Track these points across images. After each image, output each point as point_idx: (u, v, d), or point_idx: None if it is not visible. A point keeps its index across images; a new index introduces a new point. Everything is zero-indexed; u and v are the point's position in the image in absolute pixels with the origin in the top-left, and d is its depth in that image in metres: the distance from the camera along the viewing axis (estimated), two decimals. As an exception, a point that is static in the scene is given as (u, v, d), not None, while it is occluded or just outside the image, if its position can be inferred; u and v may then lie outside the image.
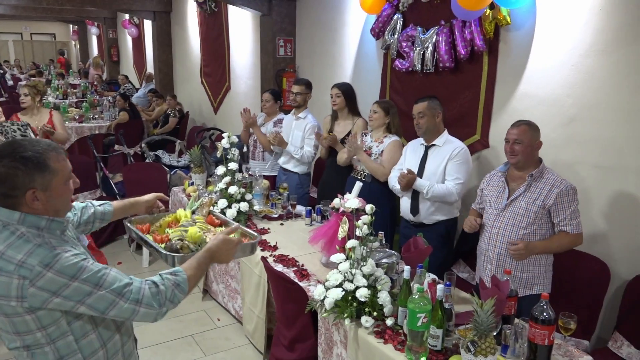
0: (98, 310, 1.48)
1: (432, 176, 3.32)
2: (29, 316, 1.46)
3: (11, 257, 1.41)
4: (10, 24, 21.12)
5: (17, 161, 1.44)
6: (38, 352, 1.52)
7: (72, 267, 1.44)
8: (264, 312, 3.31)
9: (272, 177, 4.69)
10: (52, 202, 1.52)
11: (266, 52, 6.25)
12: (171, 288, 1.59)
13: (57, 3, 8.85)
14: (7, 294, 1.42)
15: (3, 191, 1.45)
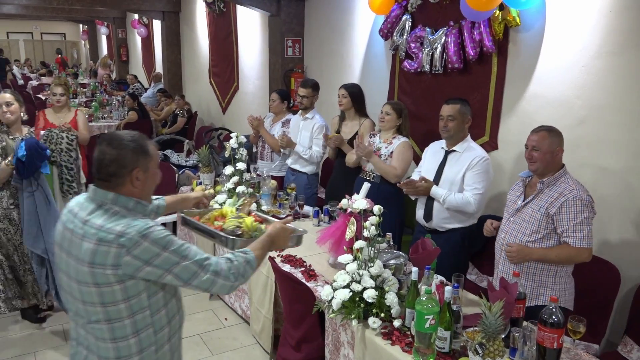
0: (182, 280, 1.65)
1: (449, 183, 3.22)
2: (118, 286, 1.59)
3: (111, 229, 1.58)
4: (21, 24, 21.29)
5: (125, 145, 1.66)
6: (117, 326, 1.64)
7: (163, 239, 1.61)
8: (271, 312, 3.31)
9: (280, 177, 4.69)
10: (148, 183, 1.73)
11: (274, 52, 6.26)
12: (243, 264, 1.77)
13: (67, 3, 8.92)
14: (104, 262, 1.57)
15: (113, 170, 1.64)
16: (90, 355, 1.71)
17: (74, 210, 1.69)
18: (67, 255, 1.66)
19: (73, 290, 1.66)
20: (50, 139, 3.78)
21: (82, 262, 1.60)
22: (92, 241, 1.58)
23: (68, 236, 1.66)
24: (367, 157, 3.70)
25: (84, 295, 1.63)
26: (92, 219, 1.62)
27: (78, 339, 1.75)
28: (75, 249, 1.62)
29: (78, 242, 1.61)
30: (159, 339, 1.73)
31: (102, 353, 1.68)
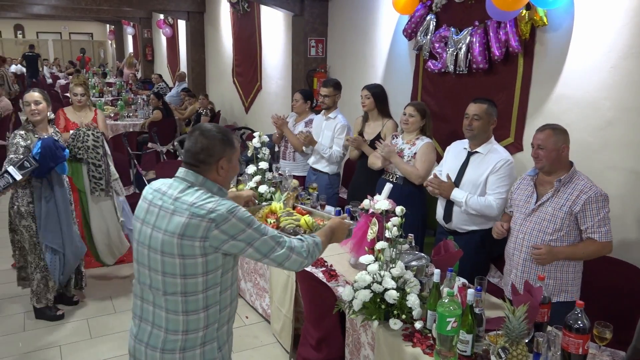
0: (261, 253, 1.84)
1: (471, 185, 3.18)
2: (201, 259, 1.76)
3: (202, 206, 1.75)
4: (50, 24, 21.77)
5: (215, 136, 1.84)
6: (191, 300, 1.79)
7: (248, 218, 1.81)
8: (292, 312, 3.32)
9: (301, 177, 4.70)
10: (230, 172, 1.91)
11: (297, 52, 6.28)
12: (312, 245, 1.99)
13: (95, 3, 9.08)
14: (194, 235, 1.73)
15: (203, 158, 1.83)
16: (155, 329, 1.84)
17: (161, 190, 1.87)
18: (152, 230, 1.81)
19: (153, 262, 1.81)
20: (78, 137, 3.86)
21: (171, 234, 1.76)
22: (185, 215, 1.75)
23: (155, 211, 1.83)
24: (389, 158, 3.67)
25: (166, 266, 1.78)
26: (183, 197, 1.80)
27: (142, 316, 1.89)
28: (163, 223, 1.78)
29: (168, 217, 1.78)
30: (221, 317, 1.89)
31: (170, 326, 1.81)
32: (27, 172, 3.26)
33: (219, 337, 1.90)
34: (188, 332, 1.82)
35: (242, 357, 3.51)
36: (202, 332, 1.83)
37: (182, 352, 1.82)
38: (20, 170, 3.22)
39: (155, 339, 1.84)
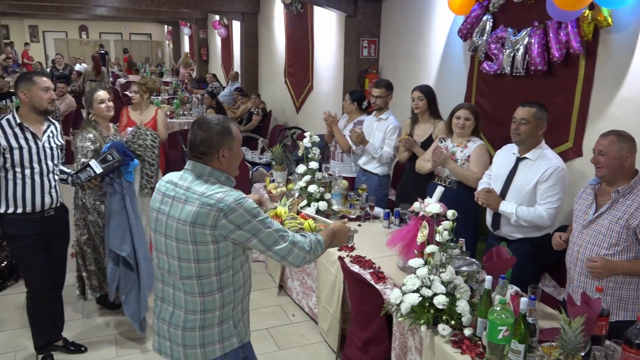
0: (265, 245, 1.92)
1: (519, 193, 3.07)
2: (212, 246, 1.87)
3: (211, 196, 1.86)
4: (112, 25, 22.68)
5: (212, 128, 1.93)
6: (206, 282, 1.91)
7: (254, 209, 1.89)
8: (339, 312, 3.33)
9: (351, 178, 4.70)
10: (232, 160, 1.99)
11: (350, 52, 6.27)
12: (315, 241, 2.05)
13: (154, 5, 9.38)
14: (204, 223, 1.84)
15: (203, 149, 1.93)
16: (177, 310, 1.97)
17: (173, 181, 1.99)
18: (166, 219, 1.93)
19: (170, 249, 1.93)
20: (138, 135, 4.00)
21: (184, 222, 1.87)
22: (195, 205, 1.86)
23: (168, 202, 1.95)
24: (444, 164, 3.58)
25: (181, 252, 1.90)
26: (193, 187, 1.91)
27: (164, 298, 2.03)
28: (176, 212, 1.90)
29: (181, 206, 1.89)
30: (236, 297, 2.00)
31: (189, 307, 1.94)
32: (108, 166, 3.29)
33: (234, 316, 2.02)
34: (205, 312, 1.95)
35: (288, 355, 3.55)
36: (218, 311, 1.96)
37: (201, 330, 1.96)
38: (102, 163, 3.27)
39: (177, 318, 1.98)
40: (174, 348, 2.00)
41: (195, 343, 1.96)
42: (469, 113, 3.61)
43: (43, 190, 3.10)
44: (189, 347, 1.97)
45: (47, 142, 3.13)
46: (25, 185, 3.04)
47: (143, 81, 5.10)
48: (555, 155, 3.11)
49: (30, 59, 17.48)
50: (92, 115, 3.69)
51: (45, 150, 3.11)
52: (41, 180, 3.09)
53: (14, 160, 2.99)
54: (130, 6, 10.03)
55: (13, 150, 2.98)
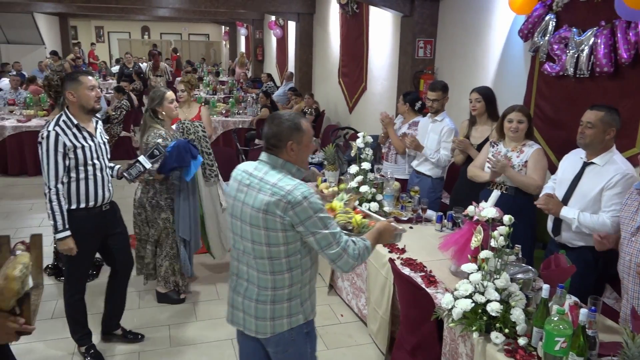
0: (319, 245, 2.06)
1: (583, 198, 2.94)
2: (281, 233, 2.04)
3: (282, 187, 2.02)
4: (172, 26, 23.45)
5: (282, 123, 2.10)
6: (276, 263, 2.09)
7: (318, 205, 2.03)
8: (388, 314, 3.30)
9: (403, 180, 4.65)
10: (301, 154, 2.15)
11: (405, 53, 6.21)
12: (363, 248, 2.16)
13: (213, 6, 9.62)
14: (274, 212, 2.01)
15: (274, 142, 2.10)
16: (250, 285, 2.17)
17: (248, 171, 2.17)
18: (242, 205, 2.11)
19: (244, 232, 2.12)
20: (187, 130, 4.11)
21: (257, 209, 2.04)
22: (267, 194, 2.03)
23: (244, 190, 2.12)
24: (503, 172, 3.44)
25: (254, 236, 2.09)
26: (266, 177, 2.08)
27: (239, 274, 2.22)
28: (251, 200, 2.07)
29: (254, 194, 2.07)
30: (303, 278, 2.17)
31: (261, 284, 2.14)
32: (156, 160, 3.43)
33: (301, 295, 2.19)
34: (276, 289, 2.13)
35: (336, 354, 3.55)
36: (287, 289, 2.13)
37: (272, 304, 2.14)
38: (150, 159, 3.40)
39: (251, 292, 2.17)
40: (247, 319, 2.20)
41: (265, 315, 2.15)
42: (522, 115, 3.48)
43: (103, 185, 3.23)
44: (260, 318, 2.16)
45: (99, 139, 3.25)
46: (89, 182, 3.15)
47: (186, 79, 5.25)
48: (624, 161, 2.95)
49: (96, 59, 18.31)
50: (160, 114, 3.82)
51: (100, 147, 3.23)
52: (101, 176, 3.22)
53: (78, 159, 3.08)
54: (190, 7, 10.32)
55: (77, 150, 3.07)
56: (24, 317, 1.94)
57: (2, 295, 1.87)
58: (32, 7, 13.25)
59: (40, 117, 8.00)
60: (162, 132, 3.75)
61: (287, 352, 2.23)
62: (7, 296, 1.87)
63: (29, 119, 7.87)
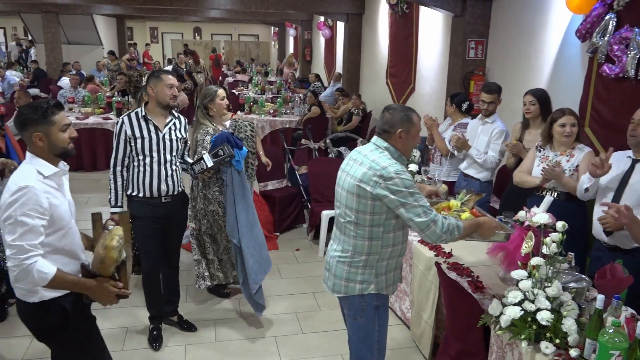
0: (408, 214, 2.29)
1: (634, 194, 2.82)
2: (370, 202, 2.32)
3: (378, 163, 2.32)
4: (223, 26, 23.94)
5: (396, 113, 2.40)
6: (360, 229, 2.38)
7: (408, 181, 2.30)
8: (433, 319, 3.26)
9: (451, 182, 4.57)
10: (408, 143, 2.43)
11: (455, 53, 6.11)
12: (454, 224, 2.36)
13: (263, 7, 9.75)
14: (367, 182, 2.31)
15: (386, 128, 2.40)
16: (336, 245, 2.52)
17: (358, 149, 2.50)
18: (345, 175, 2.44)
19: (342, 198, 2.45)
20: (238, 128, 4.19)
21: (353, 178, 2.37)
22: (366, 167, 2.34)
23: (351, 163, 2.44)
24: (557, 180, 3.31)
25: (347, 201, 2.40)
26: (369, 154, 2.39)
27: (334, 238, 2.56)
28: (352, 170, 2.40)
29: (357, 167, 2.38)
30: (382, 252, 2.41)
31: (344, 246, 2.45)
32: (219, 160, 3.52)
33: (377, 267, 2.43)
34: (355, 253, 2.41)
35: (379, 356, 3.53)
36: (364, 256, 2.40)
37: (349, 266, 2.43)
38: (214, 158, 3.51)
39: (335, 252, 2.50)
40: (329, 276, 2.52)
41: (342, 275, 2.45)
42: (574, 119, 3.35)
43: (160, 178, 3.37)
44: (337, 277, 2.46)
45: (168, 134, 3.39)
46: (145, 172, 3.35)
47: None
48: None
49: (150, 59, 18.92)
50: (211, 110, 3.91)
51: (164, 141, 3.37)
52: (159, 169, 3.36)
53: (136, 149, 3.32)
54: (241, 8, 10.49)
55: (137, 140, 3.31)
56: (122, 283, 2.26)
57: (103, 263, 2.17)
58: (92, 9, 13.85)
59: (97, 115, 8.32)
60: (209, 129, 3.84)
61: (356, 320, 2.49)
62: (107, 264, 2.17)
63: (86, 116, 8.21)
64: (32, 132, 2.19)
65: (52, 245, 2.19)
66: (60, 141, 2.23)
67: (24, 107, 2.25)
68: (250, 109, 9.14)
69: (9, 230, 2.07)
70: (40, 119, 2.18)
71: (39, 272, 2.07)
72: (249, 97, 9.74)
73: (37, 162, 2.21)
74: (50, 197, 2.16)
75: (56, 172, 2.25)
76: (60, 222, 2.21)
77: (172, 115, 3.45)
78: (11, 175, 2.26)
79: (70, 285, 2.20)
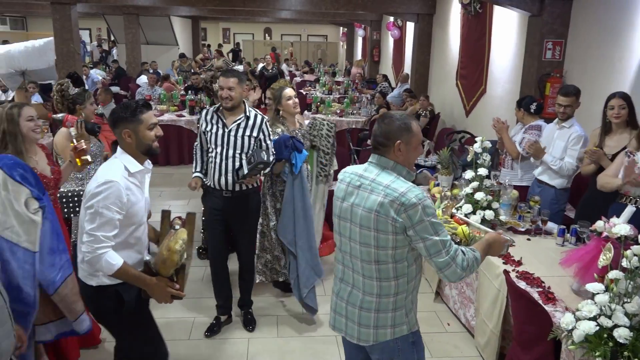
0: (428, 252, 2.00)
1: None
2: (391, 236, 2.00)
3: (395, 189, 1.99)
4: (292, 27, 24.32)
5: (393, 122, 2.07)
6: (383, 268, 2.07)
7: (431, 209, 1.99)
8: (499, 328, 3.15)
9: (522, 187, 4.40)
10: (409, 155, 2.10)
11: (531, 54, 5.88)
12: (472, 259, 2.06)
13: (333, 7, 9.79)
14: (387, 213, 1.98)
15: (382, 141, 2.07)
16: (355, 291, 2.15)
17: (357, 172, 2.14)
18: (351, 206, 2.09)
19: (353, 234, 2.10)
20: (315, 126, 4.24)
21: (369, 210, 2.02)
22: (380, 195, 2.00)
23: (354, 192, 2.10)
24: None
25: (363, 237, 2.06)
26: (378, 179, 2.05)
27: (343, 278, 2.21)
28: (362, 201, 2.05)
29: (366, 196, 2.04)
30: (408, 287, 2.12)
31: (367, 289, 2.11)
32: (252, 167, 3.45)
33: (406, 305, 2.14)
34: (381, 296, 2.09)
35: (441, 363, 3.46)
36: (393, 298, 2.10)
37: (376, 313, 2.11)
38: (248, 165, 3.47)
39: (355, 298, 2.15)
40: (349, 325, 2.18)
41: (369, 323, 2.12)
42: None
43: (221, 172, 3.49)
44: (364, 326, 2.13)
45: (234, 131, 3.47)
46: (211, 164, 3.54)
47: None
48: None
49: (221, 58, 19.43)
50: (280, 111, 3.96)
51: (229, 137, 3.47)
52: (220, 162, 3.48)
53: (208, 140, 3.53)
54: (312, 9, 10.59)
55: (205, 132, 3.53)
56: (178, 284, 2.39)
57: (165, 264, 2.30)
58: (169, 10, 14.45)
59: (171, 112, 8.67)
60: (279, 130, 3.88)
61: None
62: (168, 266, 2.30)
63: (162, 113, 8.57)
64: (122, 129, 2.37)
65: (122, 239, 2.34)
66: (147, 138, 2.40)
67: (117, 107, 2.46)
68: (317, 109, 9.21)
69: (89, 218, 2.23)
70: (129, 117, 2.36)
71: (107, 262, 2.24)
72: (316, 97, 9.81)
73: (126, 158, 2.38)
74: (130, 194, 2.32)
75: (140, 170, 2.41)
76: (133, 218, 2.37)
77: (245, 113, 3.50)
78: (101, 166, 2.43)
79: (132, 279, 2.33)
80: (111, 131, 2.52)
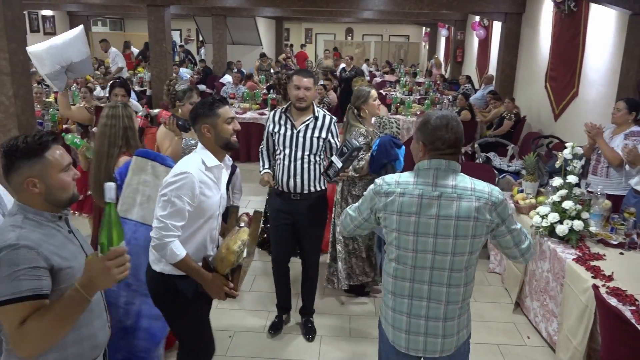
0: (514, 241, 2.06)
1: None
2: (483, 238, 2.02)
3: (482, 190, 2.00)
4: (374, 27, 24.20)
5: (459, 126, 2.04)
6: (470, 272, 2.07)
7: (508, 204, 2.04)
8: (585, 346, 2.96)
9: (616, 197, 4.12)
10: None
11: (631, 56, 5.48)
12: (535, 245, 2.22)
13: (417, 7, 9.63)
14: (484, 217, 1.97)
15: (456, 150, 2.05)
16: (433, 304, 2.06)
17: (427, 182, 2.02)
18: (435, 219, 1.98)
19: (439, 246, 2.00)
20: (384, 125, 4.20)
21: (466, 218, 1.97)
22: (473, 200, 1.97)
23: (432, 203, 1.99)
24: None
25: (457, 247, 2.00)
26: (459, 183, 2.00)
27: (413, 295, 2.07)
28: (450, 210, 1.97)
29: (455, 204, 1.97)
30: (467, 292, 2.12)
31: (451, 298, 2.06)
32: (346, 157, 3.34)
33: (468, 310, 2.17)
34: (465, 300, 2.10)
35: (519, 377, 3.32)
36: (468, 299, 2.12)
37: (459, 318, 2.10)
38: (340, 157, 3.35)
39: (435, 312, 2.06)
40: (429, 341, 2.08)
41: (453, 332, 2.09)
42: None
43: (289, 174, 3.44)
44: (448, 336, 2.09)
45: (303, 132, 3.43)
46: (279, 166, 3.49)
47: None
48: None
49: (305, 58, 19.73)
50: (363, 111, 3.88)
51: (298, 138, 3.42)
52: (289, 164, 3.43)
53: (276, 141, 3.51)
54: (395, 9, 10.47)
55: (273, 133, 3.51)
56: (233, 283, 2.41)
57: (222, 262, 2.38)
58: (255, 11, 14.87)
59: (254, 110, 8.92)
60: (362, 131, 3.82)
61: None
62: (225, 264, 2.37)
63: (244, 111, 8.85)
64: (201, 124, 2.46)
65: (191, 231, 2.41)
66: (225, 132, 2.46)
67: (196, 104, 2.56)
68: (397, 110, 9.11)
69: (161, 205, 2.32)
70: (207, 111, 2.45)
71: (172, 251, 2.31)
72: (396, 98, 9.72)
73: (204, 153, 2.46)
74: (204, 188, 2.38)
75: (217, 165, 2.48)
76: (205, 213, 2.43)
77: (313, 114, 3.45)
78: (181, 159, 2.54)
79: (191, 271, 2.39)
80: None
